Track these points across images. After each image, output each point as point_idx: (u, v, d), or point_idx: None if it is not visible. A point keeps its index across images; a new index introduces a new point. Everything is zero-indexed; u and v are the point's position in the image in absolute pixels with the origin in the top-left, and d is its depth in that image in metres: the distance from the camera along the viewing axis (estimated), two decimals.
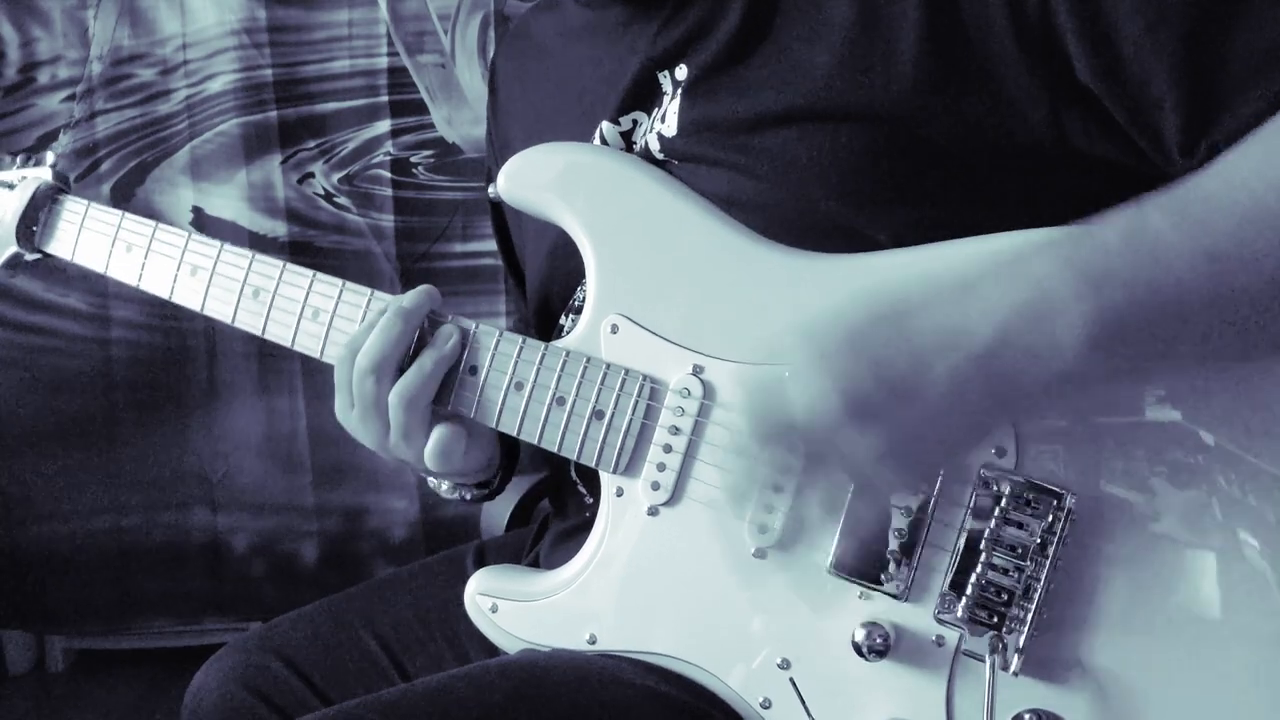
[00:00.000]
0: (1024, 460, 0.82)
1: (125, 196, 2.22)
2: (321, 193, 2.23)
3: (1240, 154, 0.74)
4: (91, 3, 2.18)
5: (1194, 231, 0.72)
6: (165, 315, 2.23)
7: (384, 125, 2.22)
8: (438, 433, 0.94)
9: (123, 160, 2.23)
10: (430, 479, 1.10)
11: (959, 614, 0.82)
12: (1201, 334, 0.74)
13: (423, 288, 0.96)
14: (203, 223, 2.23)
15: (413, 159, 2.23)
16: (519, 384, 0.94)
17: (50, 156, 1.20)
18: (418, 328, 0.95)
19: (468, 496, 1.11)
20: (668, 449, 0.90)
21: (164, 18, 2.19)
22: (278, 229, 2.23)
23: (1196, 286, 0.72)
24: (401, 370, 0.94)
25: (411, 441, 0.95)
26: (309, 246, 2.23)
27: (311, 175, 2.23)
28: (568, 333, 0.96)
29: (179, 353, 2.26)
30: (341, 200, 2.23)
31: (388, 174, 2.23)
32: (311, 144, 2.22)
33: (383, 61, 2.20)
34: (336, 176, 2.23)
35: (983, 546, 0.82)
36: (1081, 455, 0.81)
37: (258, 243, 2.21)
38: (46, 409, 2.27)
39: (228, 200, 2.23)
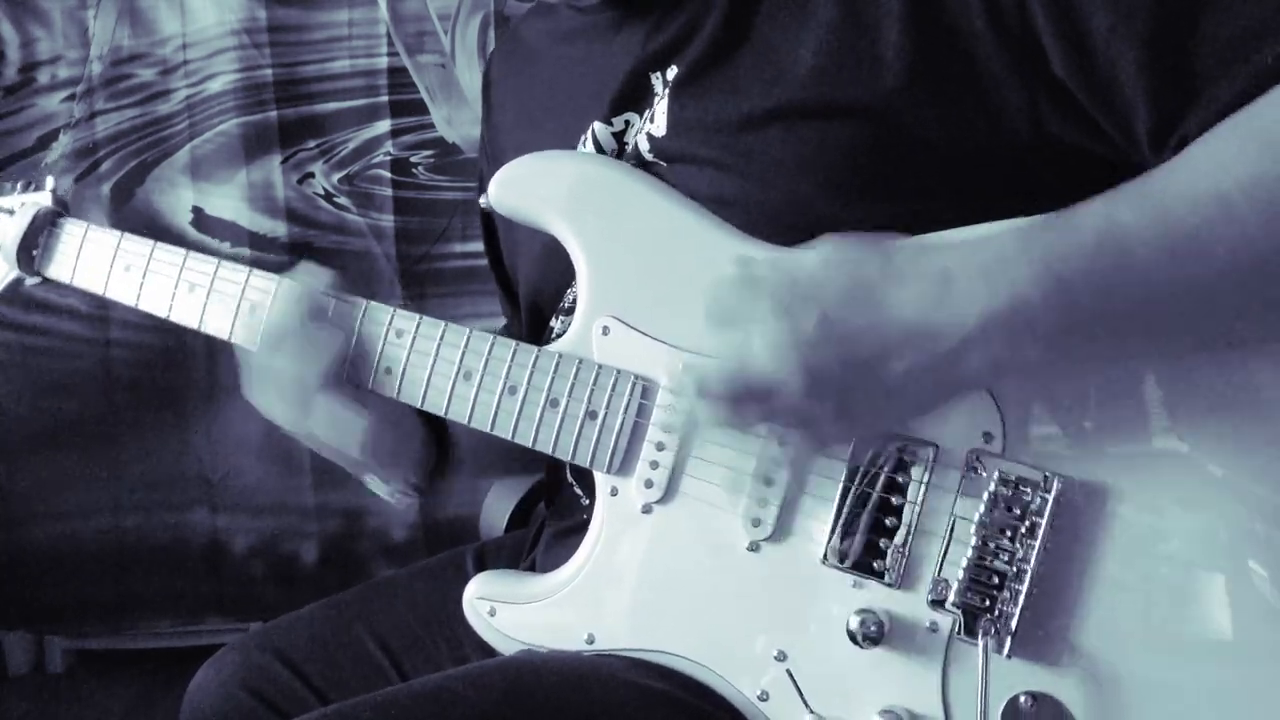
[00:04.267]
0: (1011, 445, 0.83)
1: (125, 196, 2.22)
2: (321, 193, 2.23)
3: (1209, 147, 0.75)
4: (91, 3, 2.18)
5: (1162, 228, 0.73)
6: None
7: (384, 125, 2.21)
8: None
9: (123, 160, 2.23)
10: (367, 481, 1.13)
11: (951, 599, 0.83)
12: (1176, 324, 0.76)
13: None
14: (203, 223, 2.23)
15: (413, 159, 2.23)
16: (512, 387, 0.94)
17: (50, 181, 1.21)
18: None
19: (394, 497, 1.13)
20: (660, 447, 0.90)
21: (164, 18, 2.19)
22: (278, 229, 2.23)
23: (1162, 281, 0.74)
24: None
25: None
26: (309, 247, 2.23)
27: (311, 175, 2.23)
28: (558, 335, 0.96)
29: (179, 353, 2.26)
30: (341, 200, 2.23)
31: (388, 174, 2.22)
32: (311, 144, 2.22)
33: (383, 61, 2.20)
34: (336, 176, 2.23)
35: (973, 531, 0.83)
36: (1070, 440, 0.83)
37: (258, 243, 2.21)
38: (46, 409, 2.28)
39: (228, 200, 2.23)
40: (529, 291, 1.11)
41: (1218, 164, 0.73)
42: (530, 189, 0.97)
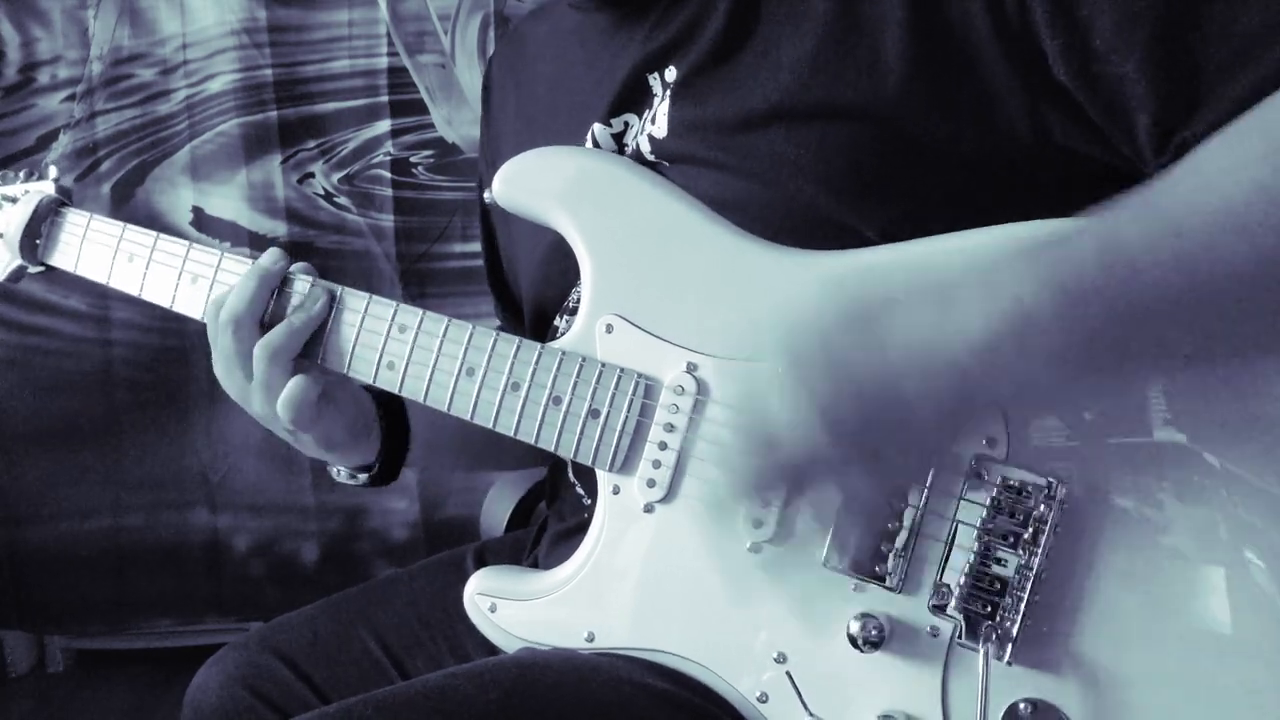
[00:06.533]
0: (1015, 450, 0.82)
1: (125, 196, 2.23)
2: (321, 193, 2.23)
3: (1211, 152, 0.73)
4: (91, 3, 2.19)
5: (1165, 237, 0.71)
6: (165, 316, 2.21)
7: (384, 125, 2.22)
8: (292, 383, 0.98)
9: (123, 160, 2.23)
10: (329, 468, 1.13)
11: (952, 604, 0.82)
12: (1184, 335, 0.74)
13: (274, 250, 1.02)
14: (203, 223, 2.23)
15: (413, 159, 2.23)
16: (515, 384, 0.94)
17: (53, 170, 1.22)
18: (273, 286, 1.00)
19: (355, 480, 1.13)
20: (663, 446, 0.90)
21: (164, 18, 2.19)
22: (278, 229, 2.24)
23: (1168, 292, 0.72)
24: (266, 327, 0.99)
25: (271, 393, 0.99)
26: (309, 246, 2.23)
27: (311, 175, 2.23)
28: (563, 333, 0.96)
29: (179, 353, 2.26)
30: (341, 200, 2.24)
31: (388, 174, 2.23)
32: (311, 144, 2.22)
33: (383, 61, 2.20)
34: (336, 176, 2.23)
35: (975, 536, 0.82)
36: (1074, 445, 0.82)
37: (258, 243, 2.22)
38: (47, 409, 2.28)
39: (228, 200, 2.23)
40: (533, 291, 1.11)
41: (1223, 171, 0.72)
42: (535, 184, 0.97)
